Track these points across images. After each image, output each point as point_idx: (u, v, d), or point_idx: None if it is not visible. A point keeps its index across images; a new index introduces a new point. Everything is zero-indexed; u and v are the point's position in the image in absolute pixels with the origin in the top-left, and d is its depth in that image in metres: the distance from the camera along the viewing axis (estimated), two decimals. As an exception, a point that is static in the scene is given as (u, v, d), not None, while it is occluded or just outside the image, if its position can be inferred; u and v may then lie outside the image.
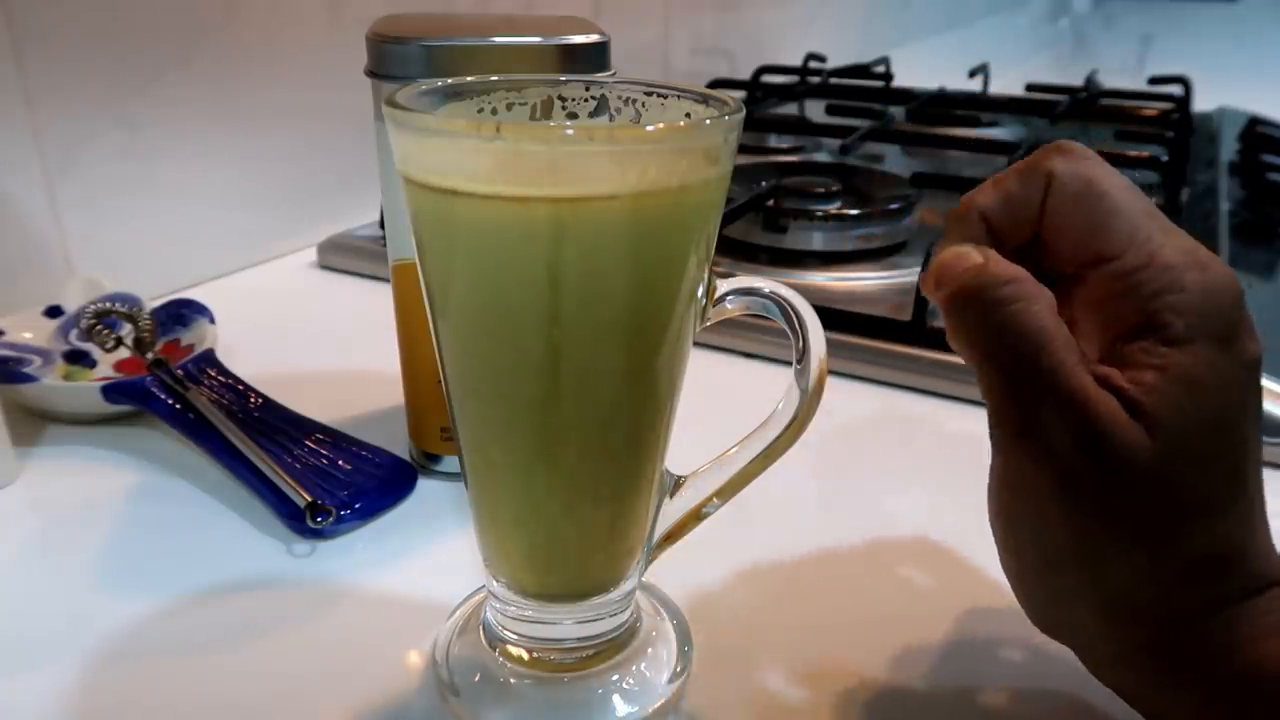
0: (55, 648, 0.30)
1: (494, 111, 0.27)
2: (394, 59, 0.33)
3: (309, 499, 0.35)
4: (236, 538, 0.35)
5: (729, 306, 0.27)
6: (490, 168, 0.22)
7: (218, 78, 0.57)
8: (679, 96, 0.26)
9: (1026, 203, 0.25)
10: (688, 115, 0.26)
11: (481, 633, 0.30)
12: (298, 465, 0.38)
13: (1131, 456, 0.22)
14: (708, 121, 0.23)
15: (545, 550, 0.28)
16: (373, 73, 0.34)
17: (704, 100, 0.25)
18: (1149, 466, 0.22)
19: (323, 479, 0.37)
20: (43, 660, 0.30)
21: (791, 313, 0.27)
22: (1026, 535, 0.24)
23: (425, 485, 0.39)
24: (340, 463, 0.39)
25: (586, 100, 0.27)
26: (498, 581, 0.28)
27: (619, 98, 0.27)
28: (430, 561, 0.35)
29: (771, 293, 0.27)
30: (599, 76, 0.28)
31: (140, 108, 0.53)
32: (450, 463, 0.39)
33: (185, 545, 0.35)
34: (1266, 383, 0.41)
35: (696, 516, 0.29)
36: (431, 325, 0.26)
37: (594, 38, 0.34)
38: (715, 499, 0.29)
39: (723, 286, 0.26)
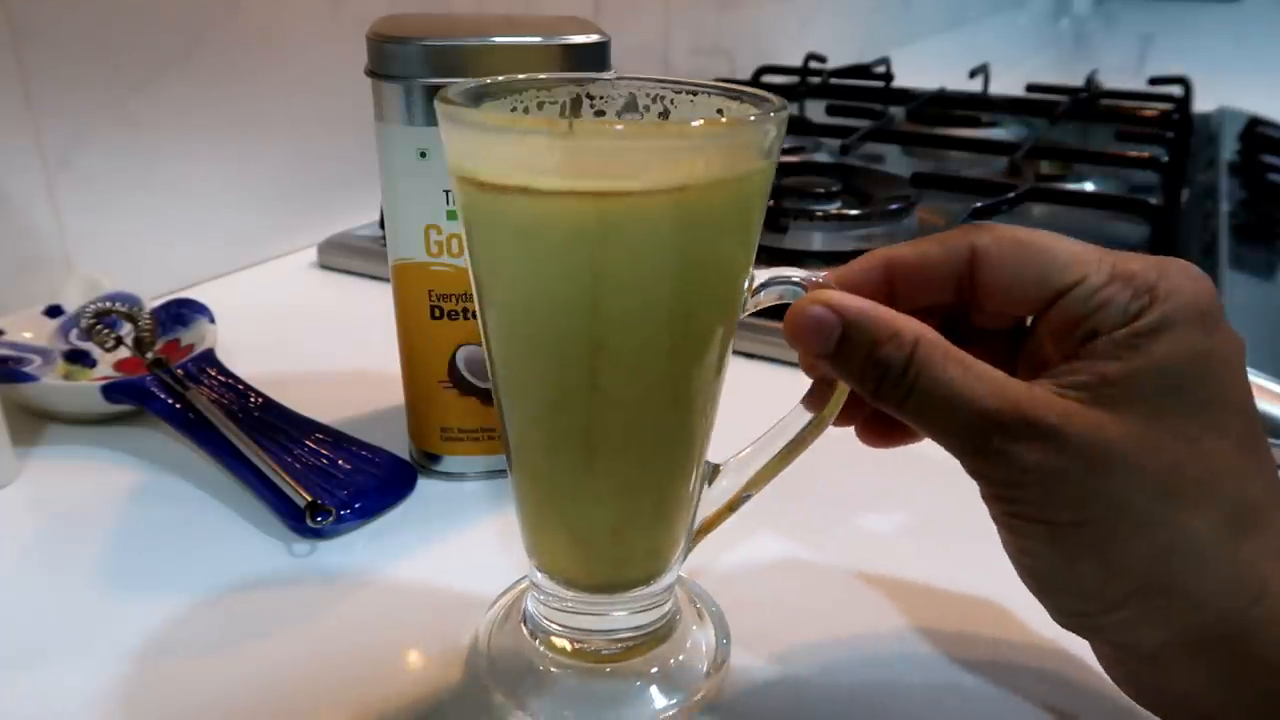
0: (55, 648, 0.30)
1: (525, 110, 0.27)
2: (394, 59, 0.33)
3: (309, 499, 0.35)
4: (236, 538, 0.35)
5: (763, 296, 0.27)
6: (555, 164, 0.22)
7: (218, 78, 0.57)
8: (709, 93, 0.27)
9: (942, 268, 0.25)
10: (719, 111, 0.26)
11: (523, 623, 0.30)
12: (298, 465, 0.38)
13: (1098, 440, 0.22)
14: (771, 114, 0.24)
15: (590, 541, 0.28)
16: (373, 72, 0.34)
17: (737, 96, 0.26)
18: (1126, 444, 0.22)
19: (323, 479, 0.37)
20: (42, 660, 0.30)
21: None
22: (1036, 544, 0.24)
23: (425, 485, 0.39)
24: (340, 462, 0.39)
25: (614, 98, 0.28)
26: (541, 572, 0.29)
27: (647, 95, 0.28)
28: (430, 561, 0.35)
29: (803, 280, 0.27)
30: (625, 75, 0.28)
31: (140, 108, 0.53)
32: (450, 462, 0.39)
33: (185, 545, 0.35)
34: (1266, 382, 0.41)
35: (730, 508, 0.29)
36: (480, 320, 0.26)
37: (594, 38, 0.34)
38: (748, 491, 0.29)
39: (758, 277, 0.27)
